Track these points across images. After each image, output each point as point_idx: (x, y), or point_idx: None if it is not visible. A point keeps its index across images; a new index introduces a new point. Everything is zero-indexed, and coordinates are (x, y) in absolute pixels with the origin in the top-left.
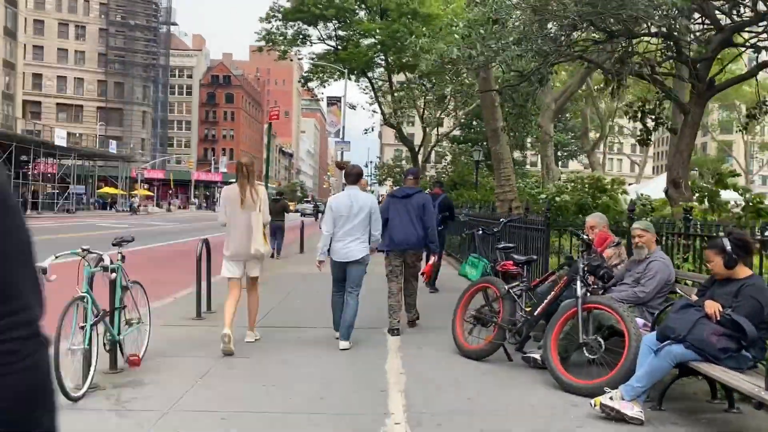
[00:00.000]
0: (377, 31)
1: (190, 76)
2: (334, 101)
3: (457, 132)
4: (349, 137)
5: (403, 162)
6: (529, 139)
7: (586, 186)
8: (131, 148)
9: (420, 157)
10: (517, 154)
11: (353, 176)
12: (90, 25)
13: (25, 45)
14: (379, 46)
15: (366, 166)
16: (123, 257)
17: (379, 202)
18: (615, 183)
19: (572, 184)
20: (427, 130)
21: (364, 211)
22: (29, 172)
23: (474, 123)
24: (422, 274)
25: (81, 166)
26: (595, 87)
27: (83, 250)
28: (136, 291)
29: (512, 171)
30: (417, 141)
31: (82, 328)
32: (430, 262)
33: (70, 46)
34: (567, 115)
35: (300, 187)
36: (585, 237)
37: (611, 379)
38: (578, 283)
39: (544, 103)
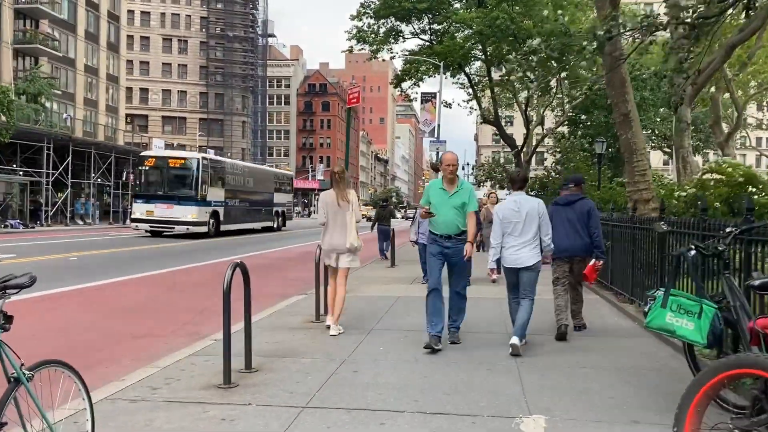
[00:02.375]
0: (474, 20)
1: (287, 86)
2: (428, 98)
3: (563, 129)
4: (447, 141)
5: (501, 159)
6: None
7: (740, 178)
8: (230, 158)
9: (522, 157)
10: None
11: (519, 182)
12: (191, 39)
13: (132, 61)
14: (477, 37)
15: (462, 168)
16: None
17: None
18: None
19: (717, 177)
20: (531, 125)
21: (532, 216)
22: (128, 182)
23: (583, 117)
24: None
25: None
26: (731, 69)
27: None
28: (49, 380)
29: (648, 164)
30: (517, 143)
31: None
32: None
33: (174, 60)
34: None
35: (395, 193)
36: None
37: None
38: None
39: (678, 84)
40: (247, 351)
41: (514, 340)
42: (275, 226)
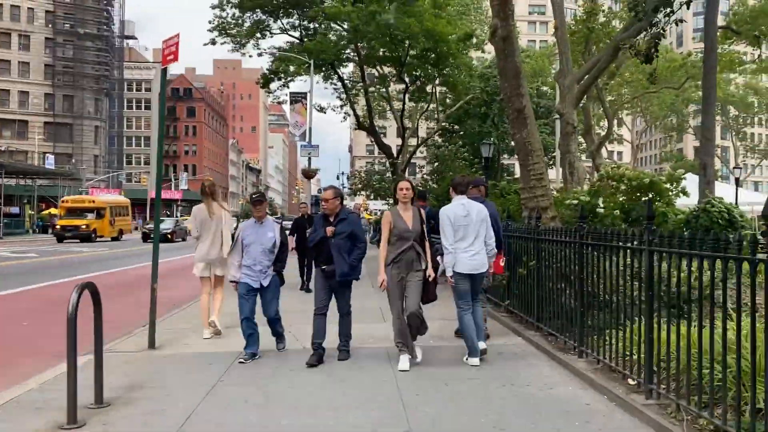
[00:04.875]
0: (350, 15)
1: (148, 90)
2: (298, 98)
3: (438, 138)
4: (321, 152)
5: (377, 167)
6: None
7: (632, 186)
8: (72, 165)
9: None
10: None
11: (464, 186)
12: (35, 35)
13: None
14: (351, 35)
15: (338, 178)
16: None
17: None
18: (672, 181)
19: (611, 183)
20: (406, 133)
21: (480, 220)
22: None
23: (456, 127)
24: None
25: (19, 185)
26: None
27: None
28: None
29: (545, 167)
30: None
31: None
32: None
33: (13, 57)
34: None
35: (269, 204)
36: None
37: None
38: None
39: (564, 86)
40: (98, 383)
41: (474, 361)
42: None
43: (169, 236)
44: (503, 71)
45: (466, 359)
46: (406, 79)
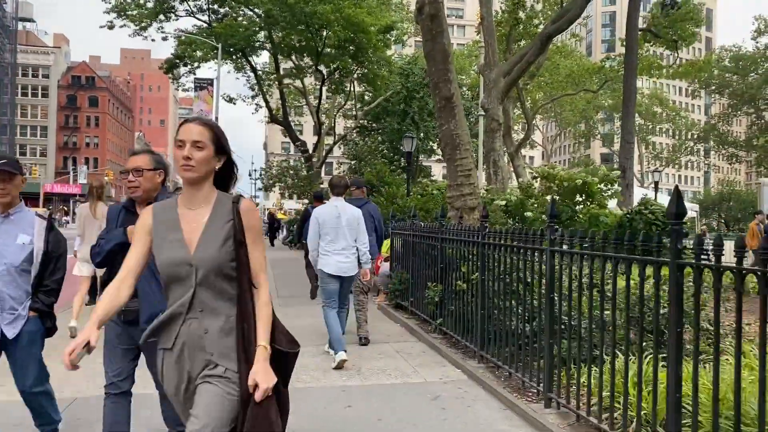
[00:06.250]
0: (262, 0)
1: (46, 76)
2: (203, 84)
3: (355, 137)
4: (235, 149)
5: (292, 162)
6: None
7: (563, 187)
8: None
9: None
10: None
11: (341, 188)
12: None
13: None
14: (264, 20)
15: (250, 175)
16: None
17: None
18: (605, 182)
19: (542, 182)
20: (323, 129)
21: (351, 223)
22: None
23: (374, 125)
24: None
25: None
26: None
27: None
28: None
29: (473, 162)
30: (308, 150)
31: None
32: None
33: None
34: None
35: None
36: None
37: None
38: None
39: (489, 79)
40: None
41: (342, 355)
42: None
43: None
44: (430, 54)
45: (331, 352)
46: (323, 71)
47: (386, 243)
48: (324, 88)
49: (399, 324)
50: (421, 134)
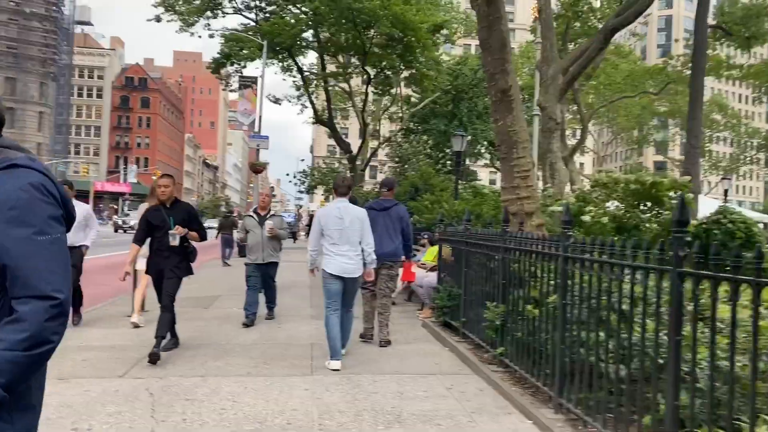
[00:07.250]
0: None
1: (101, 77)
2: (248, 83)
3: (400, 139)
4: (282, 152)
5: (336, 164)
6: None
7: (629, 191)
8: None
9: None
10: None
11: (344, 188)
12: None
13: None
14: (311, 17)
15: (294, 176)
16: None
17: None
18: (674, 188)
19: (601, 189)
20: (368, 130)
21: (354, 224)
22: None
23: (420, 128)
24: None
25: None
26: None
27: None
28: None
29: (532, 162)
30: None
31: None
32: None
33: None
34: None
35: (225, 202)
36: None
37: None
38: None
39: (547, 76)
40: None
41: (336, 364)
42: None
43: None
44: (486, 43)
45: (328, 363)
46: (370, 71)
47: (432, 250)
48: (370, 89)
49: (448, 348)
50: (468, 137)
